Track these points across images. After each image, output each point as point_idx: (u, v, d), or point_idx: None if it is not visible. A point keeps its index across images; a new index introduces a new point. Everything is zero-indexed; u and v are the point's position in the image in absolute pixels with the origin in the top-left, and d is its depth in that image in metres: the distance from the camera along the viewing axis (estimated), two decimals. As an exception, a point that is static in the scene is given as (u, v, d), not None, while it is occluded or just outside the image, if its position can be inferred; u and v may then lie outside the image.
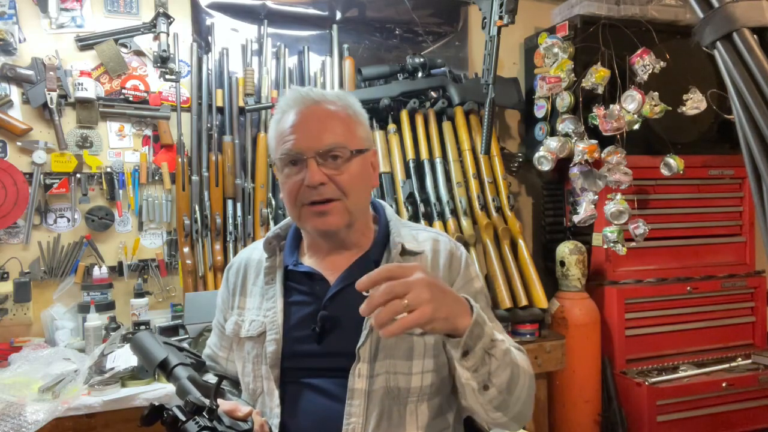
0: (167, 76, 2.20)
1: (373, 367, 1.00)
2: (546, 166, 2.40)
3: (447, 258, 1.09)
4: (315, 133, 1.02)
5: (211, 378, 1.17)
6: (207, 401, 0.92)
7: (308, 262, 1.12)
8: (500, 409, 0.95)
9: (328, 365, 1.03)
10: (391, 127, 2.42)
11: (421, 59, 2.49)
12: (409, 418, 1.01)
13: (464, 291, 1.05)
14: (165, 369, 1.05)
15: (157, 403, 0.91)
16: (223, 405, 0.95)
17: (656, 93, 2.28)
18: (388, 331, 0.78)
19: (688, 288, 2.52)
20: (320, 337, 1.04)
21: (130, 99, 2.24)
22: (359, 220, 1.08)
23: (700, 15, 0.80)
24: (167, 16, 2.22)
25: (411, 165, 2.40)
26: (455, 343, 0.87)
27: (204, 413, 0.90)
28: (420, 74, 2.49)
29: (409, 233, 1.12)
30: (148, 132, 2.29)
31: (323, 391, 1.02)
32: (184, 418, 0.89)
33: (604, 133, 2.31)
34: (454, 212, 2.36)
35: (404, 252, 1.08)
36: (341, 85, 2.47)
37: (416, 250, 1.09)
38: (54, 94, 2.11)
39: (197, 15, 2.37)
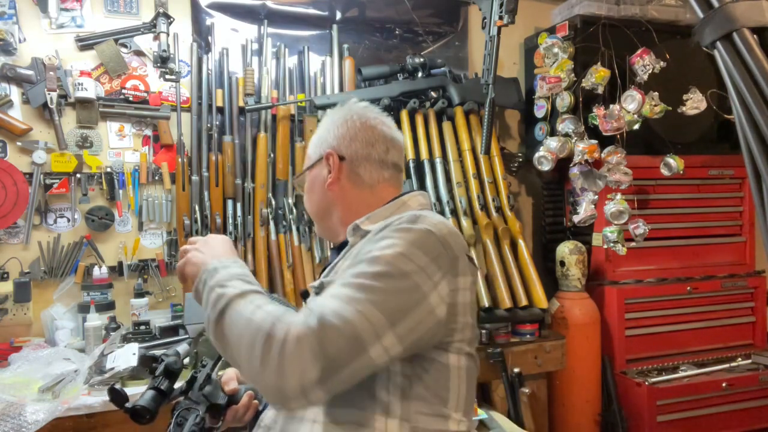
0: (167, 76, 2.20)
1: None
2: (546, 166, 2.40)
3: (376, 232, 1.01)
4: None
5: None
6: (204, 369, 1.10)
7: None
8: (222, 351, 0.90)
9: None
10: (391, 127, 2.42)
11: (421, 59, 2.49)
12: None
13: (359, 258, 0.93)
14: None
15: (158, 354, 1.08)
16: (225, 373, 1.08)
17: (656, 93, 2.28)
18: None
19: (688, 288, 2.52)
20: None
21: (130, 99, 2.24)
22: (326, 218, 1.20)
23: (700, 15, 0.80)
24: (167, 16, 2.22)
25: (411, 165, 2.40)
26: None
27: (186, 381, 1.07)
28: (420, 74, 2.48)
29: (396, 216, 1.06)
30: (148, 132, 2.29)
31: None
32: (156, 374, 1.04)
33: (604, 133, 2.31)
34: (454, 212, 2.36)
35: (358, 230, 1.09)
36: (341, 85, 2.47)
37: (367, 228, 1.07)
38: (54, 94, 2.10)
39: (197, 15, 2.37)
